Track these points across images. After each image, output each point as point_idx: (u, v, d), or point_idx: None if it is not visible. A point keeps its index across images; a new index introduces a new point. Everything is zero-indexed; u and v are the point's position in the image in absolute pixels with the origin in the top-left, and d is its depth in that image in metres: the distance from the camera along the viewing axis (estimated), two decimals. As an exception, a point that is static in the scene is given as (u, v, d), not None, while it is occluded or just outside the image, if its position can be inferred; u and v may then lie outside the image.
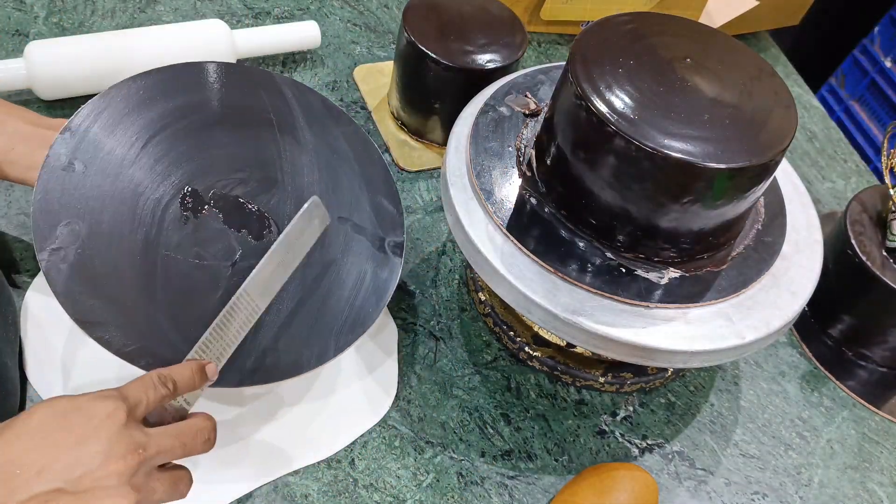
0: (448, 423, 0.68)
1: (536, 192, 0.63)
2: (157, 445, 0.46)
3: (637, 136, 0.54)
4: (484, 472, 0.66)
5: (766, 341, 0.60)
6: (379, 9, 1.01)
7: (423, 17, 0.80)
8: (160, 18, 0.91)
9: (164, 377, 0.49)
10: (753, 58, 0.62)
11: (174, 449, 0.47)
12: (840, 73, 1.62)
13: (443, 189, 0.65)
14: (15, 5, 0.87)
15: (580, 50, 0.59)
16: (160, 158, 0.60)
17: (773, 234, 0.65)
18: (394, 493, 0.63)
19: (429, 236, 0.80)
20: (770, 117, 0.57)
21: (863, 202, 0.81)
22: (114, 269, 0.56)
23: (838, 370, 0.81)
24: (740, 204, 0.59)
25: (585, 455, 0.69)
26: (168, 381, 0.49)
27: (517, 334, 0.72)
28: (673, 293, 0.59)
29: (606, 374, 0.72)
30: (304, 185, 0.65)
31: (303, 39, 0.90)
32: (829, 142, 1.07)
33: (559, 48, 1.05)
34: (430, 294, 0.76)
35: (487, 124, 0.67)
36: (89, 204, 0.57)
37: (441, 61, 0.78)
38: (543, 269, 0.59)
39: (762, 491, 0.70)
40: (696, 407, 0.74)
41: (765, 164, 0.55)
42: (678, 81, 0.58)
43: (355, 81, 0.92)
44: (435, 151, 0.87)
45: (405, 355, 0.71)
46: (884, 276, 0.75)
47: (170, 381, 0.49)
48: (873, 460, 0.75)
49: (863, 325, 0.80)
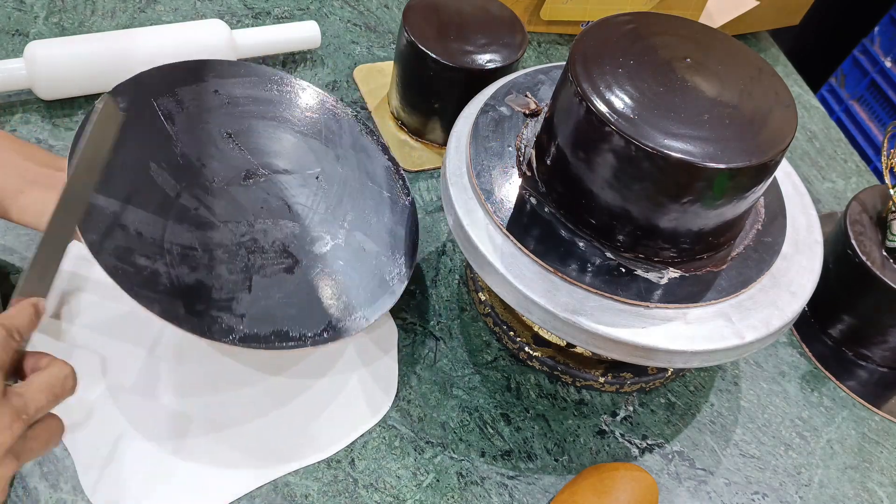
0: (448, 423, 0.68)
1: (536, 192, 0.63)
2: (35, 405, 0.46)
3: (637, 136, 0.54)
4: (484, 472, 0.66)
5: (766, 341, 0.60)
6: (379, 9, 1.01)
7: (423, 17, 0.80)
8: (160, 18, 0.91)
9: (9, 328, 0.47)
10: (753, 58, 0.62)
11: (48, 403, 0.47)
12: (840, 73, 1.62)
13: (443, 189, 0.65)
14: (15, 5, 0.87)
15: (580, 50, 0.59)
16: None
17: (773, 234, 0.65)
18: (394, 493, 0.63)
19: (429, 236, 0.80)
20: (770, 117, 0.57)
21: (863, 202, 0.81)
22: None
23: (838, 370, 0.81)
24: (740, 204, 0.59)
25: (585, 455, 0.69)
26: (13, 331, 0.48)
27: (517, 334, 0.72)
28: (673, 293, 0.59)
29: (606, 374, 0.72)
30: (333, 195, 0.69)
31: (303, 39, 0.90)
32: (829, 142, 1.07)
33: (559, 48, 1.05)
34: (430, 294, 0.76)
35: (487, 124, 0.67)
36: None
37: (441, 61, 0.78)
38: (543, 269, 0.59)
39: (762, 491, 0.70)
40: (696, 407, 0.74)
41: (765, 164, 0.55)
42: (678, 81, 0.58)
43: (355, 81, 0.92)
44: (435, 151, 0.87)
45: (405, 355, 0.71)
46: (884, 276, 0.75)
47: (15, 331, 0.48)
48: (873, 460, 0.75)
49: (863, 325, 0.80)
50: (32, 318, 0.50)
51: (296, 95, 0.73)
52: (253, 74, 0.72)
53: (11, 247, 0.69)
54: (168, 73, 0.67)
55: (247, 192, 0.65)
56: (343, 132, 0.74)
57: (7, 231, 0.69)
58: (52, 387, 0.47)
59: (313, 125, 0.72)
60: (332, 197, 0.69)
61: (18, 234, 0.69)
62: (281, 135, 0.70)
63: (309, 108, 0.73)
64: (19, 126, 0.77)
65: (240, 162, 0.67)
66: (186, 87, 0.67)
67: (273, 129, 0.70)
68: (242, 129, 0.69)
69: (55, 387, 0.47)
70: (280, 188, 0.67)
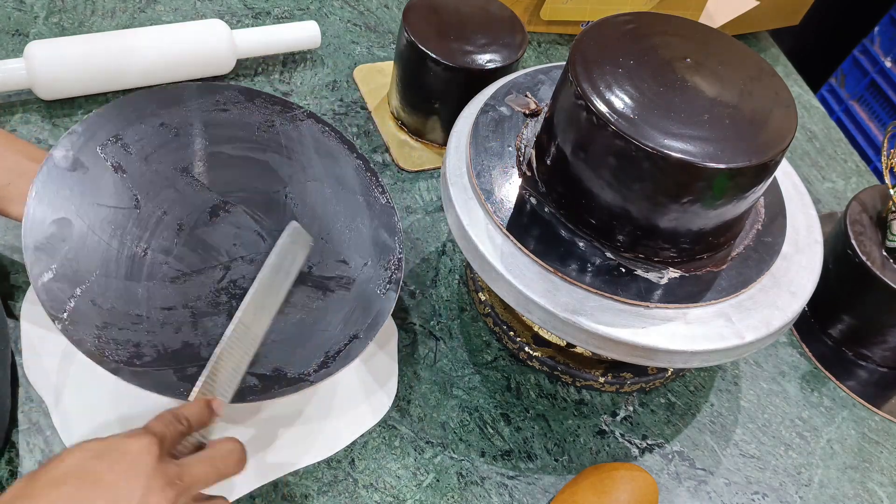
0: (448, 423, 0.68)
1: (536, 192, 0.63)
2: (192, 474, 0.47)
3: (637, 136, 0.54)
4: (484, 472, 0.66)
5: (766, 341, 0.60)
6: (379, 9, 1.01)
7: (423, 17, 0.80)
8: (160, 18, 0.91)
9: (178, 414, 0.50)
10: (753, 58, 0.62)
11: (208, 475, 0.48)
12: (840, 73, 1.62)
13: (443, 189, 0.65)
14: (15, 5, 0.87)
15: (580, 50, 0.59)
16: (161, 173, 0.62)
17: (773, 234, 0.65)
18: (394, 493, 0.63)
19: (429, 236, 0.80)
20: (770, 117, 0.57)
21: (863, 202, 0.81)
22: (103, 270, 0.56)
23: (838, 370, 0.81)
24: (740, 204, 0.59)
25: (585, 455, 0.69)
26: (181, 417, 0.50)
27: (517, 334, 0.72)
28: (673, 293, 0.59)
29: (606, 374, 0.72)
30: (306, 213, 0.65)
31: (303, 39, 0.90)
32: (829, 142, 1.07)
33: (559, 48, 1.05)
34: (430, 294, 0.76)
35: (487, 124, 0.67)
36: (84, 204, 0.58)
37: (441, 61, 0.78)
38: (543, 269, 0.59)
39: (762, 491, 0.70)
40: (696, 407, 0.74)
41: (765, 164, 0.55)
42: (678, 81, 0.58)
43: (355, 81, 0.92)
44: (435, 151, 0.87)
45: (405, 355, 0.71)
46: (884, 276, 0.75)
47: (183, 418, 0.50)
48: (873, 460, 0.75)
49: (863, 325, 0.80)
50: (204, 412, 0.52)
51: (244, 108, 0.68)
52: (194, 96, 0.66)
53: (12, 245, 0.69)
54: (110, 113, 0.63)
55: (216, 231, 0.61)
56: (304, 138, 0.69)
57: (7, 230, 0.69)
58: (214, 459, 0.49)
59: (271, 139, 0.67)
60: (306, 215, 0.65)
61: (18, 233, 0.69)
62: (238, 158, 0.65)
63: (262, 120, 0.68)
64: (19, 126, 0.77)
65: (202, 199, 0.62)
66: (130, 128, 0.63)
67: (229, 152, 0.65)
68: (197, 161, 0.64)
69: (216, 459, 0.49)
70: (249, 218, 0.63)
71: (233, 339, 0.55)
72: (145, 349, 0.55)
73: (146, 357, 0.54)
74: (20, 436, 0.60)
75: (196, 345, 0.56)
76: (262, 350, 0.58)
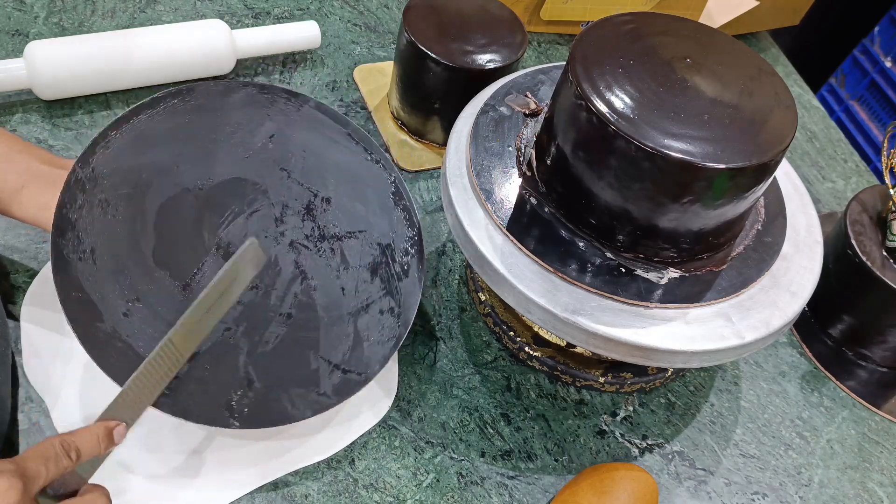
0: (448, 423, 0.68)
1: (536, 192, 0.63)
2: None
3: (637, 136, 0.54)
4: (484, 472, 0.66)
5: (766, 341, 0.60)
6: (379, 9, 1.01)
7: (423, 17, 0.80)
8: (160, 18, 0.91)
9: (68, 445, 0.46)
10: (753, 58, 0.62)
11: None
12: (840, 73, 1.62)
13: (443, 189, 0.65)
14: (15, 5, 0.87)
15: (580, 50, 0.59)
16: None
17: (773, 234, 0.65)
18: (394, 493, 0.63)
19: (429, 236, 0.80)
20: (770, 117, 0.57)
21: (863, 202, 0.81)
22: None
23: (838, 370, 0.81)
24: (740, 204, 0.59)
25: (585, 455, 0.69)
26: (71, 449, 0.46)
27: (517, 334, 0.72)
28: (673, 293, 0.59)
29: (606, 374, 0.72)
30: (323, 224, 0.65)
31: (303, 39, 0.90)
32: (829, 142, 1.07)
33: (559, 48, 1.05)
34: (430, 294, 0.76)
35: (487, 124, 0.67)
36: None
37: (441, 61, 0.78)
38: (543, 269, 0.59)
39: (762, 491, 0.70)
40: (696, 407, 0.74)
41: (765, 164, 0.55)
42: (678, 81, 0.58)
43: (355, 81, 0.92)
44: (435, 151, 0.87)
45: (405, 355, 0.71)
46: (884, 276, 0.75)
47: (73, 450, 0.46)
48: (873, 460, 0.75)
49: (863, 325, 0.80)
50: (100, 445, 0.48)
51: (223, 115, 0.64)
52: (170, 111, 0.62)
53: (12, 245, 0.69)
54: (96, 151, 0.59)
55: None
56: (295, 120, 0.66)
57: (8, 230, 0.69)
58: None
59: (262, 149, 0.65)
60: (323, 222, 0.64)
61: (18, 233, 0.69)
62: (228, 177, 0.63)
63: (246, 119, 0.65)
64: (19, 126, 0.77)
65: (204, 243, 0.60)
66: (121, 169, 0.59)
67: (221, 167, 0.62)
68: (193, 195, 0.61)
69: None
70: (260, 243, 0.59)
71: (157, 357, 0.52)
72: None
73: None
74: (20, 436, 0.60)
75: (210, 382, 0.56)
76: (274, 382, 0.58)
